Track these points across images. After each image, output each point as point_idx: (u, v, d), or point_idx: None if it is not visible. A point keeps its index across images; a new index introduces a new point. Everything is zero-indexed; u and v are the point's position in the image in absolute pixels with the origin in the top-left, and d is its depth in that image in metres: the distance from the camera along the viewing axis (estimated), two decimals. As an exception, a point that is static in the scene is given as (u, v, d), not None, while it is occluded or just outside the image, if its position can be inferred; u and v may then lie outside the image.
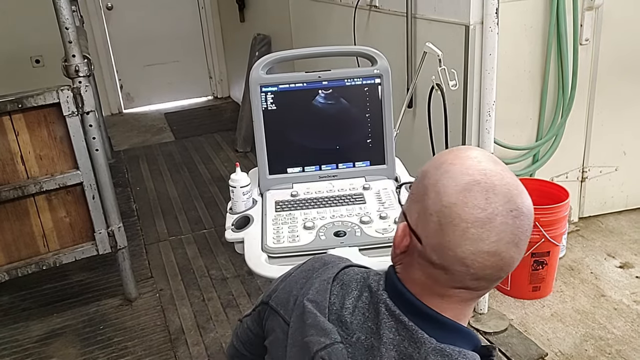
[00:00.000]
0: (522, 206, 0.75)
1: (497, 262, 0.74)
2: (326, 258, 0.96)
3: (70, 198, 2.45)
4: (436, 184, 0.76)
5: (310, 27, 3.70)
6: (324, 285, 0.88)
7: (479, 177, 0.74)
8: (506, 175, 0.76)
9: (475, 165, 0.75)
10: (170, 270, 2.95)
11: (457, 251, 0.73)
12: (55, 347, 2.42)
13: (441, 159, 0.79)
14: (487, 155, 0.79)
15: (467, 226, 0.72)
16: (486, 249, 0.73)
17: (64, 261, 2.49)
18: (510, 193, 0.74)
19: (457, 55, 2.23)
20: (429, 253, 0.77)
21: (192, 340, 2.41)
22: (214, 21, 5.84)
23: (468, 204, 0.73)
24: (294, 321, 0.87)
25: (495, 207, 0.73)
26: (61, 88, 2.26)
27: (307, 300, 0.86)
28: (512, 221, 0.73)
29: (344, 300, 0.85)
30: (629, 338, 2.18)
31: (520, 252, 0.76)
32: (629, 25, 2.65)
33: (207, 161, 4.41)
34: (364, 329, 0.82)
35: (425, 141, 2.25)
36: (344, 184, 1.60)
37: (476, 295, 0.80)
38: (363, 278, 0.88)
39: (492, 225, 0.72)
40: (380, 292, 0.83)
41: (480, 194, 0.73)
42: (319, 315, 0.84)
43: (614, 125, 2.81)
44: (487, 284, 0.78)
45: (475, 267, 0.74)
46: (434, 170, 0.78)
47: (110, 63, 5.55)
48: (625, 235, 2.84)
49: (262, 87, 1.56)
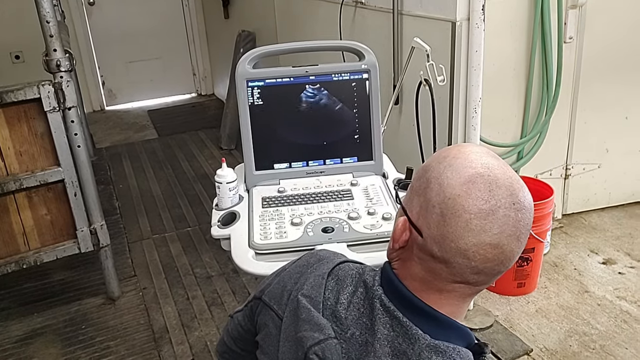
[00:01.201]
0: (524, 200, 0.75)
1: (499, 254, 0.74)
2: (322, 253, 0.95)
3: (52, 195, 2.41)
4: (439, 177, 0.76)
5: (295, 24, 3.68)
6: (319, 280, 0.87)
7: (482, 170, 0.75)
8: (508, 170, 0.77)
9: (478, 159, 0.76)
10: (153, 269, 2.91)
11: (460, 242, 0.74)
12: (36, 347, 2.38)
13: (444, 153, 0.80)
14: (488, 151, 0.80)
15: (470, 217, 0.73)
16: (488, 240, 0.73)
17: (45, 260, 2.44)
18: (513, 187, 0.75)
19: (443, 52, 2.23)
20: (429, 245, 0.76)
21: (177, 339, 2.38)
22: (197, 17, 5.78)
23: (472, 195, 0.73)
24: (288, 316, 0.87)
25: (498, 199, 0.73)
26: (42, 83, 2.21)
27: (302, 295, 0.86)
28: (514, 214, 0.74)
29: (339, 295, 0.84)
30: (612, 333, 2.20)
31: (520, 246, 0.76)
32: (612, 24, 2.67)
33: (191, 158, 4.37)
34: (359, 325, 0.81)
35: (411, 138, 2.25)
36: (331, 180, 1.59)
37: (475, 290, 0.80)
38: (358, 273, 0.87)
39: (495, 217, 0.73)
40: (376, 287, 0.83)
41: (483, 185, 0.73)
42: (313, 310, 0.83)
43: (597, 123, 2.84)
44: (487, 278, 0.78)
45: (476, 260, 0.74)
46: (437, 164, 0.78)
47: (92, 59, 5.47)
48: (608, 231, 2.88)
49: (249, 82, 1.54)
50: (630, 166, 2.97)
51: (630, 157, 2.96)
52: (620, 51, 2.73)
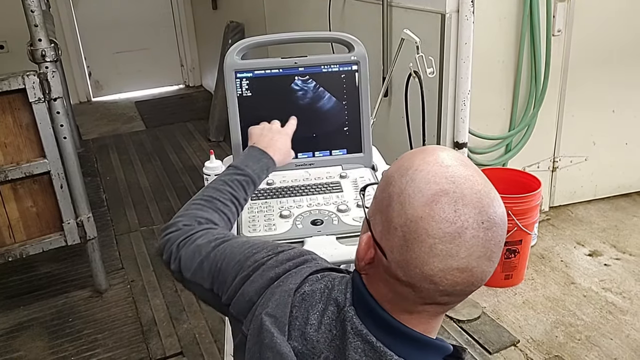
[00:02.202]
0: (494, 216, 0.69)
1: (468, 277, 0.69)
2: (289, 264, 0.87)
3: (37, 187, 2.38)
4: (401, 194, 0.70)
5: (284, 16, 3.66)
6: (285, 298, 0.81)
7: (447, 186, 0.68)
8: (477, 182, 0.69)
9: (442, 172, 0.69)
10: (141, 261, 2.89)
11: (425, 269, 0.68)
12: (22, 340, 2.36)
13: (407, 162, 0.72)
14: (457, 157, 0.72)
15: (434, 242, 0.67)
16: (456, 265, 0.67)
17: (31, 252, 2.42)
18: (482, 202, 0.68)
19: (433, 44, 2.23)
20: (394, 269, 0.70)
21: (165, 331, 2.38)
22: (185, 8, 5.73)
23: (435, 218, 0.67)
24: (251, 334, 0.81)
25: (465, 220, 0.67)
26: (27, 73, 2.18)
27: (266, 315, 0.80)
28: (483, 234, 0.68)
29: (308, 314, 0.79)
30: (597, 324, 2.23)
31: (492, 265, 0.70)
32: (600, 17, 2.69)
33: (179, 150, 4.35)
34: (332, 348, 0.76)
35: (401, 130, 2.25)
36: (320, 173, 1.58)
37: (447, 309, 0.75)
38: (327, 288, 0.81)
39: (461, 240, 0.67)
40: (347, 308, 0.77)
41: (448, 205, 0.67)
42: (276, 336, 0.77)
43: (584, 116, 2.85)
44: (459, 298, 0.73)
45: (444, 285, 0.68)
46: (399, 178, 0.71)
47: (79, 50, 5.40)
48: (594, 224, 2.91)
49: (237, 73, 1.53)
50: (617, 159, 3.00)
51: (617, 150, 2.98)
52: (608, 45, 2.75)
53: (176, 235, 1.04)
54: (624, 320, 2.24)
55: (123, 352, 2.27)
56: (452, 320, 2.28)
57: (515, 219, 2.30)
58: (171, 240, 1.04)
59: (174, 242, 1.03)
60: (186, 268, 0.98)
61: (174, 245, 1.02)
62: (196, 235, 1.02)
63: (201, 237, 1.01)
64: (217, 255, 0.95)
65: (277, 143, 1.31)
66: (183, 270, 0.99)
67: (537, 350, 2.12)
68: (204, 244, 0.99)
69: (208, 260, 0.96)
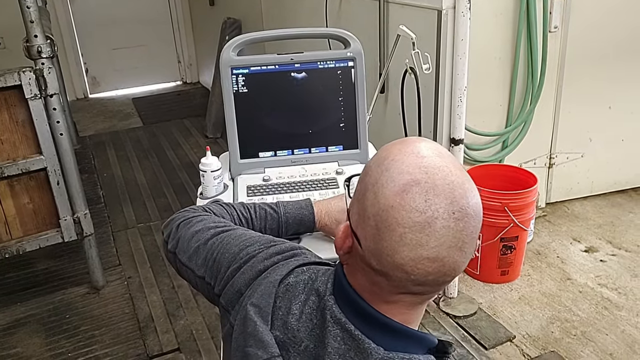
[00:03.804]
0: (466, 207, 0.68)
1: (439, 267, 0.69)
2: (277, 257, 0.89)
3: (34, 184, 2.38)
4: (375, 184, 0.70)
5: (281, 12, 3.65)
6: (269, 288, 0.82)
7: (420, 176, 0.68)
8: (451, 172, 0.69)
9: (417, 162, 0.69)
10: (138, 258, 2.89)
11: (396, 257, 0.68)
12: (19, 337, 2.36)
13: (384, 153, 0.73)
14: (434, 148, 0.72)
15: (404, 231, 0.67)
16: (426, 254, 0.68)
17: (28, 249, 2.42)
18: (453, 193, 0.68)
19: (429, 41, 2.22)
20: (368, 258, 0.72)
21: (162, 328, 2.38)
22: (182, 4, 5.71)
23: (405, 207, 0.67)
24: (238, 324, 0.83)
25: (435, 210, 0.67)
26: (23, 70, 2.18)
27: (250, 305, 0.81)
28: (454, 224, 0.68)
29: (291, 304, 0.80)
30: (593, 320, 2.24)
31: (465, 255, 0.70)
32: (596, 13, 2.69)
33: (176, 147, 4.34)
34: (312, 337, 0.77)
35: (397, 126, 2.25)
36: (316, 169, 1.58)
37: (423, 299, 0.75)
38: (310, 279, 0.82)
39: (431, 230, 0.67)
40: (327, 297, 0.78)
41: (419, 195, 0.67)
42: (259, 324, 0.79)
43: (581, 113, 2.86)
44: (432, 289, 0.73)
45: (415, 274, 0.69)
46: (375, 168, 0.72)
47: (75, 46, 5.39)
48: (590, 220, 2.91)
49: (233, 69, 1.53)
50: (613, 155, 3.01)
51: (613, 146, 2.99)
52: (604, 41, 2.75)
53: (180, 216, 1.06)
54: (619, 315, 2.25)
55: (120, 348, 2.27)
56: (448, 316, 2.29)
57: (511, 215, 2.30)
58: (174, 220, 1.05)
59: (176, 221, 1.04)
60: (182, 250, 0.99)
61: (174, 224, 1.04)
62: (197, 219, 1.03)
63: (202, 221, 1.02)
64: (214, 244, 0.96)
65: (331, 206, 1.24)
66: (179, 251, 1.00)
67: (532, 346, 2.13)
68: (203, 229, 1.00)
69: (205, 248, 0.97)
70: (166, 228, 1.05)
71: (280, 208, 1.17)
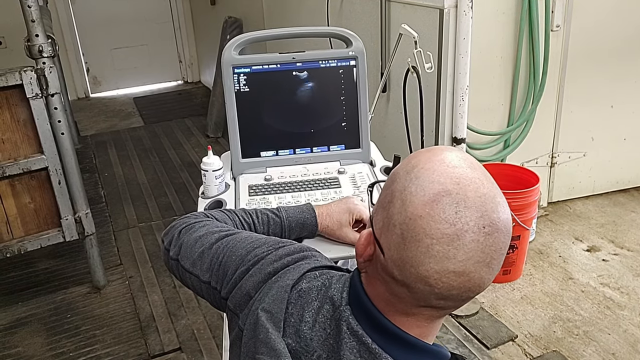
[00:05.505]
0: (497, 222, 0.66)
1: (465, 282, 0.67)
2: (287, 259, 0.87)
3: (35, 183, 2.37)
4: (403, 191, 0.68)
5: (282, 12, 3.65)
6: (281, 293, 0.80)
7: (451, 186, 0.66)
8: (483, 185, 0.67)
9: (448, 172, 0.67)
10: (140, 257, 2.89)
11: (420, 269, 0.66)
12: (21, 336, 2.36)
13: (413, 160, 0.71)
14: (465, 158, 0.70)
15: (431, 242, 0.65)
16: (452, 268, 0.66)
17: (29, 248, 2.42)
18: (485, 207, 0.66)
19: (431, 40, 2.22)
20: (390, 268, 0.69)
21: (163, 327, 2.38)
22: (183, 3, 5.71)
23: (435, 218, 0.65)
24: (247, 329, 0.80)
25: (465, 222, 0.65)
26: (24, 69, 2.18)
27: (262, 310, 0.79)
28: (483, 239, 0.65)
29: (303, 311, 0.78)
30: (595, 319, 2.23)
31: (492, 272, 0.68)
32: (599, 12, 2.68)
33: (177, 146, 4.34)
34: (326, 347, 0.75)
35: (399, 125, 2.25)
36: (318, 168, 1.58)
37: (443, 313, 0.74)
38: (324, 286, 0.80)
39: (460, 243, 0.65)
40: (343, 307, 0.75)
41: (449, 206, 0.65)
42: (271, 332, 0.76)
43: (583, 112, 2.85)
44: (454, 304, 0.71)
45: (439, 287, 0.67)
46: (404, 175, 0.70)
47: (76, 45, 5.38)
48: (592, 219, 2.91)
49: (235, 68, 1.52)
50: (615, 154, 3.00)
51: (615, 145, 2.98)
52: (606, 40, 2.75)
53: (181, 222, 1.04)
54: (621, 315, 2.25)
55: (121, 348, 2.27)
56: (450, 316, 2.29)
57: (513, 215, 2.30)
58: (175, 227, 1.03)
59: (177, 228, 1.02)
60: (185, 256, 0.97)
61: (176, 231, 1.02)
62: (200, 224, 1.02)
63: (205, 226, 1.01)
64: (219, 248, 0.94)
65: (332, 208, 1.22)
66: (182, 258, 0.98)
67: (535, 346, 2.12)
68: (206, 234, 0.98)
69: (210, 252, 0.95)
70: (166, 236, 1.03)
71: (282, 212, 1.16)
